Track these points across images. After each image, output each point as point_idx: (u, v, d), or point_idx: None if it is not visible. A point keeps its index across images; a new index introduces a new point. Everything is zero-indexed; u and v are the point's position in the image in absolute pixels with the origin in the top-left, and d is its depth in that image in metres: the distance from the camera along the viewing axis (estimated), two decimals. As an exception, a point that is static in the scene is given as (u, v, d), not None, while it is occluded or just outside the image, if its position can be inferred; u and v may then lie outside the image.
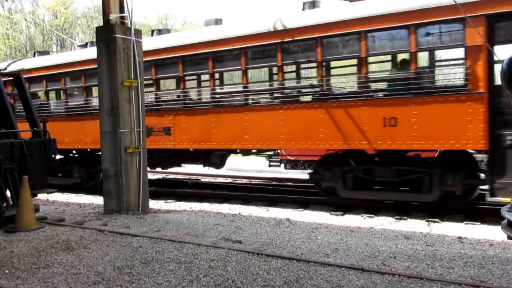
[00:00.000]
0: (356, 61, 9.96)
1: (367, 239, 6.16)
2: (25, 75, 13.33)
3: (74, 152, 13.73)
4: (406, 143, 8.17)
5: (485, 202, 8.47)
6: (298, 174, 15.83)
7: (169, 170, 14.21)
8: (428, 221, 8.40)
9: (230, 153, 12.43)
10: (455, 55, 9.10)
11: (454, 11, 7.34)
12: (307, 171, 16.25)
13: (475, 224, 8.03)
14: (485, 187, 8.17)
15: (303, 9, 9.76)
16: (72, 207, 9.79)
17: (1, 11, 36.14)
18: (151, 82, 11.46)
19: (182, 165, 12.63)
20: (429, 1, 7.82)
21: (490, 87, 7.53)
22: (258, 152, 11.68)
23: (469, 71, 7.61)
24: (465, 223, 8.12)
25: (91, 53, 11.00)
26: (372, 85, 9.08)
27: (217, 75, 11.46)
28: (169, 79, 12.90)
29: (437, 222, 8.32)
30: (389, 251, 5.08)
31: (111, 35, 7.86)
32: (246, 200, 10.94)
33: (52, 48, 35.99)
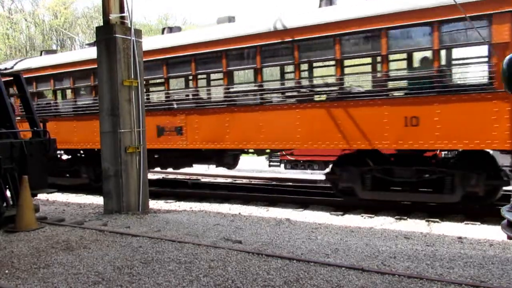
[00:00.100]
0: (376, 59, 9.73)
1: (367, 239, 6.16)
2: (32, 74, 13.20)
3: (81, 152, 13.53)
4: (428, 143, 8.00)
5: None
6: (298, 174, 15.86)
7: (168, 170, 14.15)
8: (428, 221, 8.40)
9: (242, 153, 12.26)
10: (480, 53, 8.76)
11: (479, 7, 7.21)
12: (307, 171, 16.33)
13: (475, 224, 8.03)
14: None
15: (320, 6, 9.57)
16: (72, 207, 9.79)
17: (1, 11, 36.16)
18: (163, 81, 11.26)
19: (193, 165, 12.41)
20: None
21: None
22: (272, 151, 11.41)
23: (495, 69, 7.44)
24: (465, 223, 8.12)
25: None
26: (393, 83, 8.87)
27: (231, 74, 11.20)
28: (181, 78, 12.65)
29: (437, 222, 8.32)
30: (389, 251, 5.08)
31: (111, 35, 7.86)
32: (246, 200, 10.94)
33: (52, 48, 35.95)
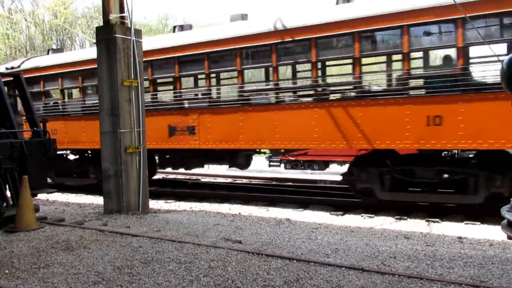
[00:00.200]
0: (397, 57, 9.51)
1: (367, 239, 6.16)
2: (40, 73, 13.07)
3: (89, 152, 13.41)
4: (452, 143, 7.82)
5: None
6: (298, 174, 15.86)
7: (168, 170, 14.13)
8: (428, 221, 8.40)
9: (254, 153, 12.05)
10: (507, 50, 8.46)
11: (504, 4, 7.07)
12: (307, 171, 16.32)
13: (475, 224, 8.03)
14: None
15: (337, 3, 9.41)
16: (72, 207, 9.79)
17: (1, 11, 36.15)
18: (174, 80, 11.14)
19: (205, 166, 12.18)
20: None
21: None
22: (286, 151, 11.21)
23: None
24: (465, 223, 8.13)
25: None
26: (415, 82, 8.67)
27: (246, 72, 10.97)
28: (193, 77, 12.51)
29: (437, 222, 8.32)
30: (389, 251, 5.08)
31: (111, 35, 7.86)
32: (246, 200, 10.94)
33: (52, 48, 35.95)
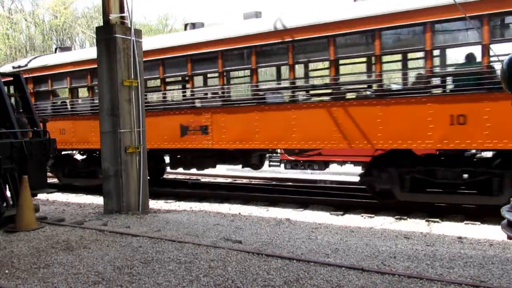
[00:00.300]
0: (418, 55, 9.21)
1: (367, 239, 6.16)
2: (47, 72, 12.88)
3: (98, 152, 13.06)
4: (477, 142, 7.61)
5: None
6: (298, 174, 15.85)
7: (168, 170, 14.07)
8: (428, 221, 8.40)
9: (267, 153, 11.79)
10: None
11: None
12: (307, 171, 16.31)
13: (475, 224, 8.03)
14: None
15: (355, 0, 9.22)
16: (72, 207, 9.79)
17: (1, 11, 36.15)
18: (187, 78, 10.97)
19: (217, 166, 11.96)
20: None
21: None
22: (301, 152, 11.00)
23: None
24: (465, 223, 8.12)
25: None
26: (438, 80, 8.40)
27: (261, 71, 10.71)
28: (207, 75, 12.27)
29: (437, 222, 8.32)
30: (389, 251, 5.08)
31: (111, 35, 7.86)
32: (246, 200, 10.94)
33: (52, 48, 35.98)
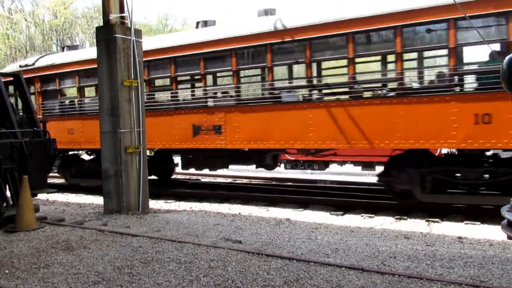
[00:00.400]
0: (441, 52, 9.04)
1: (367, 239, 6.16)
2: (55, 71, 12.70)
3: None
4: (502, 142, 7.42)
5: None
6: (298, 174, 15.85)
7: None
8: (428, 221, 8.40)
9: (282, 153, 11.55)
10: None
11: None
12: (307, 171, 16.31)
13: (475, 224, 8.03)
14: None
15: None
16: (72, 207, 9.80)
17: (1, 11, 36.15)
18: (199, 77, 10.85)
19: (229, 166, 11.76)
20: None
21: None
22: (316, 151, 10.75)
23: None
24: (465, 223, 8.12)
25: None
26: (462, 78, 8.20)
27: (276, 69, 10.51)
28: (220, 74, 12.09)
29: (437, 222, 8.32)
30: (389, 251, 5.08)
31: (111, 35, 7.86)
32: (246, 200, 10.93)
33: (52, 48, 36.00)
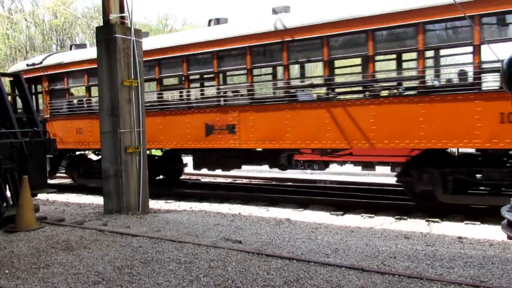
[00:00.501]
0: (465, 50, 8.85)
1: (367, 239, 6.16)
2: (64, 70, 12.57)
3: None
4: None
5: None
6: (298, 174, 15.86)
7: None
8: (428, 221, 8.40)
9: (297, 153, 11.42)
10: None
11: None
12: (307, 171, 16.32)
13: (475, 224, 8.03)
14: None
15: None
16: (72, 207, 9.80)
17: (1, 11, 36.15)
18: (213, 75, 10.72)
19: (242, 166, 11.61)
20: None
21: None
22: (333, 151, 10.54)
23: None
24: (465, 223, 8.13)
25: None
26: (487, 76, 8.07)
27: (293, 67, 10.30)
28: (233, 72, 11.95)
29: (437, 222, 8.32)
30: (389, 251, 5.08)
31: (111, 35, 7.86)
32: (246, 200, 10.93)
33: (52, 48, 36.00)
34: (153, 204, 10.34)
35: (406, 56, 10.27)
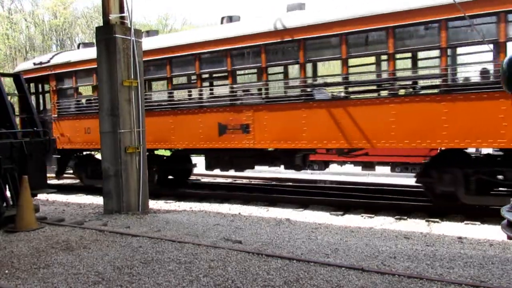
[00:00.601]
0: (491, 47, 8.65)
1: (367, 239, 6.16)
2: (72, 68, 12.37)
3: None
4: None
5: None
6: (298, 174, 15.84)
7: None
8: (428, 221, 8.40)
9: (310, 154, 11.24)
10: None
11: None
12: (307, 171, 16.30)
13: (475, 224, 8.03)
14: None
15: None
16: (72, 207, 9.79)
17: (1, 11, 36.15)
18: (226, 74, 10.47)
19: (255, 166, 11.40)
20: None
21: None
22: (349, 151, 10.27)
23: None
24: (465, 223, 8.13)
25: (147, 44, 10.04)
26: None
27: (310, 66, 10.11)
28: (248, 71, 11.75)
29: (437, 222, 8.32)
30: (389, 251, 5.08)
31: (111, 35, 7.86)
32: (246, 200, 10.93)
33: (52, 48, 36.00)
34: (153, 204, 10.34)
35: (428, 54, 10.05)
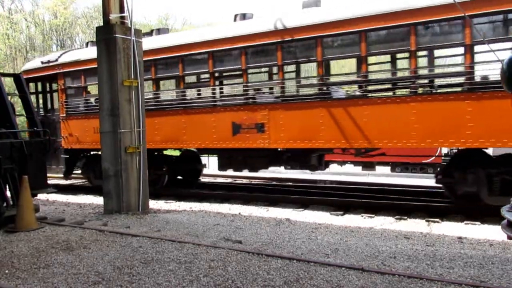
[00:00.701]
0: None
1: (367, 239, 6.16)
2: (81, 67, 12.16)
3: None
4: None
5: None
6: (298, 174, 15.85)
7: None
8: (428, 221, 8.40)
9: (326, 154, 11.02)
10: None
11: None
12: (307, 171, 16.31)
13: (475, 224, 8.03)
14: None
15: None
16: (72, 207, 9.79)
17: (1, 11, 36.16)
18: (240, 73, 10.23)
19: (269, 167, 11.25)
20: None
21: None
22: (367, 151, 10.08)
23: None
24: (465, 223, 8.13)
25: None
26: None
27: (327, 64, 9.97)
28: (263, 69, 11.55)
29: (437, 222, 8.32)
30: (389, 251, 5.08)
31: (111, 35, 7.86)
32: (246, 200, 10.93)
33: (52, 48, 36.00)
34: (153, 204, 10.34)
35: (451, 51, 9.89)
